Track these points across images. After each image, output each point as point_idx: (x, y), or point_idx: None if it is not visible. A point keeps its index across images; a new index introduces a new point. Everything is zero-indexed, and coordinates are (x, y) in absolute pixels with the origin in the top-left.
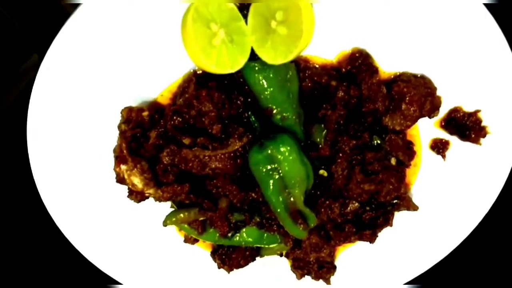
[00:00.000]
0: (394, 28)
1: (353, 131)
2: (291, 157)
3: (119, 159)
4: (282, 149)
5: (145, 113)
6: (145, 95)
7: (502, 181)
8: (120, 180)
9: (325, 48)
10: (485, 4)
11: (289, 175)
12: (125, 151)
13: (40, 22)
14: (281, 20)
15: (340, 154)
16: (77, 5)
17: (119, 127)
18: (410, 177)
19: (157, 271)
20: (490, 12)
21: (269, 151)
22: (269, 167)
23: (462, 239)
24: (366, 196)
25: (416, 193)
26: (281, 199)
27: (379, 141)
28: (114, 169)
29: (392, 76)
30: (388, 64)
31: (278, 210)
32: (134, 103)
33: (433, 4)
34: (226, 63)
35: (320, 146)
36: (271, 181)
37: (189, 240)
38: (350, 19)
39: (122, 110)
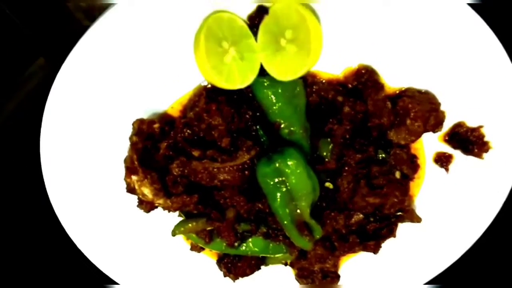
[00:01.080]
0: (400, 45)
1: (359, 145)
2: (298, 171)
3: (130, 170)
4: (289, 163)
5: (156, 125)
6: (156, 107)
7: (504, 195)
8: (131, 190)
9: (332, 64)
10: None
11: (296, 188)
12: (136, 162)
13: (46, 25)
14: (290, 39)
15: (346, 168)
16: (87, 12)
17: (130, 138)
18: (414, 189)
19: (164, 278)
20: (493, 31)
21: (277, 165)
22: (276, 180)
23: (464, 250)
24: (371, 208)
25: (419, 205)
26: (287, 211)
27: (384, 155)
28: (125, 179)
29: (398, 91)
30: (393, 80)
31: (285, 222)
32: (145, 115)
33: (438, 23)
34: (236, 79)
35: (326, 159)
36: (278, 194)
37: (195, 248)
38: (357, 36)
39: (134, 122)
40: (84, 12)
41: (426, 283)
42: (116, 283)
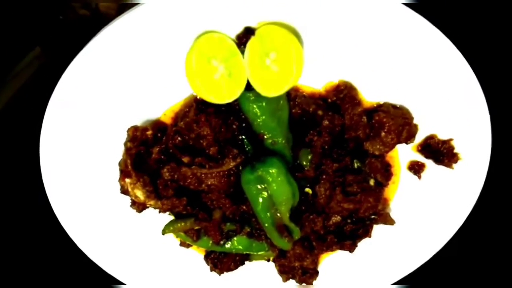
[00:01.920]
0: (377, 63)
1: (336, 155)
2: (279, 179)
3: (124, 173)
4: (271, 171)
5: (149, 132)
6: (149, 115)
7: (472, 202)
8: (124, 191)
9: (314, 79)
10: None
11: (277, 194)
12: (129, 167)
13: (42, 13)
14: (274, 59)
15: (324, 176)
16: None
17: (125, 144)
18: (389, 194)
19: (155, 272)
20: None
21: (260, 173)
22: (259, 186)
23: (435, 251)
24: (346, 212)
25: (394, 208)
26: (268, 214)
27: (359, 164)
28: (119, 182)
29: (375, 105)
30: (371, 94)
31: (266, 224)
32: (139, 122)
33: (412, 47)
34: (224, 94)
35: (306, 168)
36: (260, 199)
37: (184, 244)
38: (337, 54)
39: (128, 129)
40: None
41: (397, 282)
42: (112, 277)
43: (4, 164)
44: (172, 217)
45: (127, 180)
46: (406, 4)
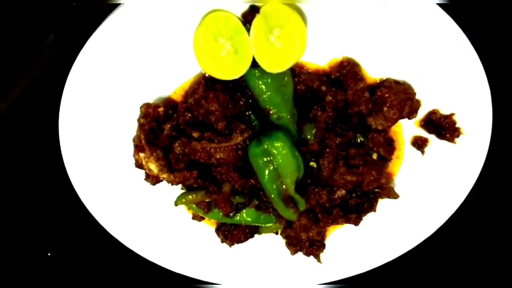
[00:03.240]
0: (380, 39)
1: (340, 129)
2: (284, 152)
3: (138, 148)
4: (276, 145)
5: (161, 109)
6: (161, 93)
7: (475, 176)
8: (139, 165)
9: (318, 55)
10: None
11: (282, 167)
12: (143, 141)
13: (56, 1)
14: (278, 36)
15: (327, 150)
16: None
17: (138, 120)
18: (394, 168)
19: (169, 243)
20: (462, 29)
21: (265, 146)
22: (265, 159)
23: (438, 225)
24: (349, 185)
25: (398, 183)
26: (274, 186)
27: (362, 139)
28: (134, 156)
29: (377, 81)
30: (374, 70)
31: (272, 196)
32: (151, 100)
33: (414, 23)
34: (231, 71)
35: (310, 142)
36: (267, 171)
37: (196, 217)
38: (341, 31)
39: (141, 106)
40: None
41: (402, 256)
42: (127, 248)
43: (25, 145)
44: (184, 190)
45: (141, 155)
46: None
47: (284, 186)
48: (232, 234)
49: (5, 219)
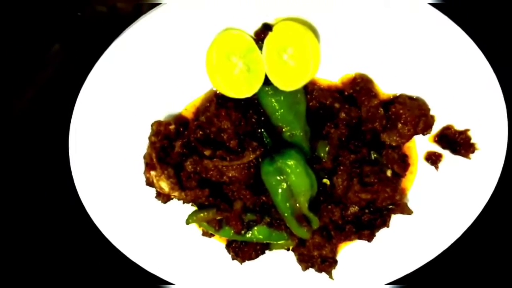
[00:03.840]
0: (394, 55)
1: (353, 146)
2: (297, 170)
3: (149, 166)
4: (289, 163)
5: (172, 127)
6: (171, 109)
7: (489, 192)
8: (149, 183)
9: (330, 72)
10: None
11: (296, 185)
12: (154, 160)
13: (61, 11)
14: (291, 55)
15: (341, 167)
16: None
17: (149, 138)
18: (407, 184)
19: (179, 260)
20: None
21: (279, 164)
22: (278, 178)
23: (452, 241)
24: (363, 203)
25: (411, 198)
26: (288, 205)
27: (376, 156)
28: (144, 174)
29: (391, 97)
30: (387, 86)
31: (286, 214)
32: (162, 117)
33: (428, 39)
34: (244, 89)
35: (324, 159)
36: (280, 190)
37: (206, 234)
38: (354, 47)
39: (152, 124)
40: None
41: (414, 272)
42: (139, 266)
43: (34, 161)
44: (195, 208)
45: (152, 173)
46: None
47: (297, 205)
48: (243, 251)
49: (14, 240)
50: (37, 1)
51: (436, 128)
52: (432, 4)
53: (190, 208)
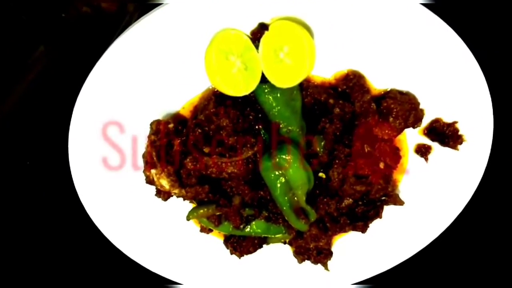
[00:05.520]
0: (384, 52)
1: (348, 141)
2: (295, 164)
3: (149, 164)
4: (287, 158)
5: (171, 125)
6: (169, 108)
7: (476, 181)
8: (150, 181)
9: (324, 68)
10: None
11: (293, 179)
12: (154, 158)
13: (45, 12)
14: (287, 53)
15: (336, 161)
16: None
17: (149, 137)
18: (398, 175)
19: (179, 256)
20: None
21: (277, 159)
22: (276, 172)
23: (442, 229)
24: (358, 194)
25: (403, 189)
26: (286, 198)
27: (369, 149)
28: (144, 172)
29: (382, 92)
30: (378, 82)
31: (284, 208)
32: (160, 116)
33: (418, 36)
34: (241, 87)
35: (320, 154)
36: (278, 184)
37: (204, 230)
38: (346, 45)
39: (152, 123)
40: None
41: (407, 261)
42: (138, 263)
43: (33, 162)
44: (194, 205)
45: (153, 171)
46: None
47: (295, 198)
48: (241, 245)
49: (15, 241)
50: (20, 3)
51: (425, 121)
52: (423, 4)
53: (188, 205)
